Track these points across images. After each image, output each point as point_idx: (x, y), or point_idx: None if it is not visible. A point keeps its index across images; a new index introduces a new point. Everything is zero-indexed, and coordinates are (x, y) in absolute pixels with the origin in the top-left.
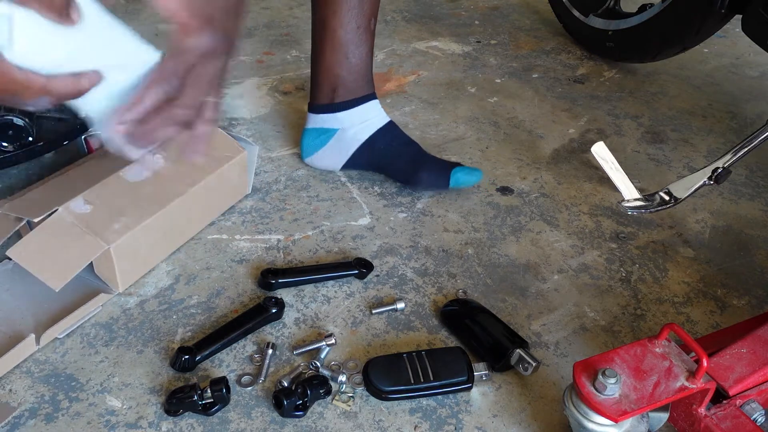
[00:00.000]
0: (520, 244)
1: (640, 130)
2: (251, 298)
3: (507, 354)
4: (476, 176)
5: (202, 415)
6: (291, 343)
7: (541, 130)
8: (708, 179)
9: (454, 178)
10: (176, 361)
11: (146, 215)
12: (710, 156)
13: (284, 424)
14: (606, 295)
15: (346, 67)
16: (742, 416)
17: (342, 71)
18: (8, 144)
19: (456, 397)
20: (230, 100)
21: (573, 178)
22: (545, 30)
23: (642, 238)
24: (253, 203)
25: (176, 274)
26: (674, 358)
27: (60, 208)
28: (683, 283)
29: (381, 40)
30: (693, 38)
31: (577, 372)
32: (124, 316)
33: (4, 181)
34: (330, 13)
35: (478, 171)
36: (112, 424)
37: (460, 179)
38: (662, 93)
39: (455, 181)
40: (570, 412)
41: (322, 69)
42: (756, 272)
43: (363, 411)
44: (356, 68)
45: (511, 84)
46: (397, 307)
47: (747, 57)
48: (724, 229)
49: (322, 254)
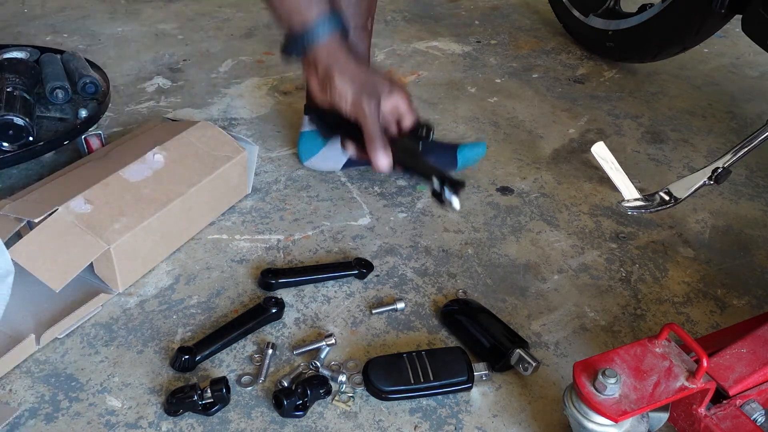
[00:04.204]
0: (520, 244)
1: (640, 130)
2: (251, 298)
3: (507, 354)
4: (481, 149)
5: (202, 415)
6: (291, 343)
7: (541, 130)
8: (708, 179)
9: (461, 156)
10: (176, 361)
11: (146, 215)
12: (710, 156)
13: (284, 424)
14: (606, 295)
15: None
16: (742, 416)
17: None
18: (8, 144)
19: (456, 397)
20: (230, 100)
21: (573, 178)
22: (545, 30)
23: (642, 238)
24: (253, 203)
25: (176, 274)
26: (674, 358)
27: (60, 208)
28: (683, 283)
29: (381, 40)
30: (693, 38)
31: (577, 372)
32: (124, 316)
33: (4, 181)
34: None
35: (482, 144)
36: (112, 424)
37: (467, 155)
38: (662, 93)
39: (463, 159)
40: (570, 412)
41: None
42: (756, 272)
43: (363, 411)
44: None
45: (511, 84)
46: (397, 307)
47: (747, 57)
48: (724, 229)
49: (322, 254)
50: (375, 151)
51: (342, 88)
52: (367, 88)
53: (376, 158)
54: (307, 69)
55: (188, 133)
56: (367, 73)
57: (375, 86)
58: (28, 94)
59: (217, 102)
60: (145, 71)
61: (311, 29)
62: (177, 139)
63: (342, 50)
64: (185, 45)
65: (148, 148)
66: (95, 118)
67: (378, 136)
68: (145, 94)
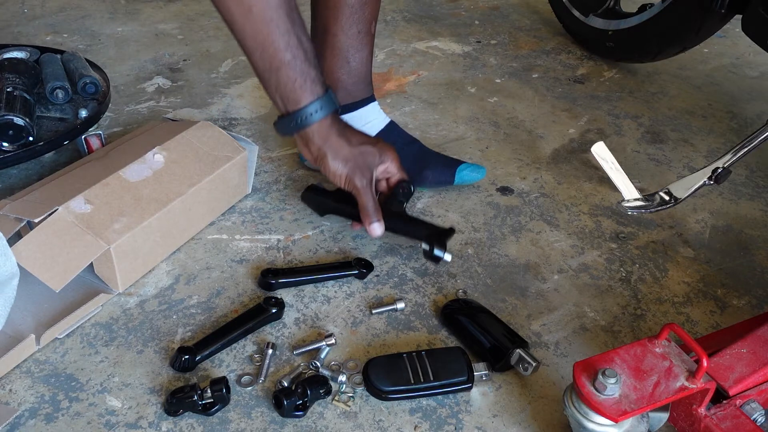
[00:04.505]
0: (520, 244)
1: (640, 130)
2: (251, 298)
3: (507, 354)
4: (481, 173)
5: (202, 415)
6: (291, 343)
7: (541, 130)
8: (708, 179)
9: (459, 175)
10: (176, 361)
11: (146, 215)
12: (710, 156)
13: (284, 424)
14: (606, 295)
15: (347, 70)
16: (742, 416)
17: (342, 75)
18: (8, 144)
19: (456, 397)
20: (230, 100)
21: (573, 178)
22: (545, 30)
23: (642, 238)
24: (253, 203)
25: (176, 274)
26: (674, 358)
27: (60, 208)
28: (683, 283)
29: (381, 40)
30: (693, 38)
31: (577, 372)
32: (124, 316)
33: (4, 181)
34: (331, 19)
35: (482, 168)
36: (112, 424)
37: (466, 176)
38: (662, 93)
39: (460, 178)
40: (570, 412)
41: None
42: (756, 272)
43: (363, 411)
44: (356, 72)
45: (511, 84)
46: (397, 307)
47: (747, 57)
48: (724, 229)
49: (322, 254)
50: (369, 222)
51: (335, 168)
52: (359, 166)
53: (370, 229)
54: (300, 144)
55: (188, 133)
56: (358, 150)
57: (366, 161)
58: (28, 94)
59: (217, 102)
60: (145, 71)
61: (305, 112)
62: (177, 139)
63: (334, 131)
64: (185, 45)
65: (148, 148)
66: (95, 118)
67: (372, 210)
68: (145, 94)
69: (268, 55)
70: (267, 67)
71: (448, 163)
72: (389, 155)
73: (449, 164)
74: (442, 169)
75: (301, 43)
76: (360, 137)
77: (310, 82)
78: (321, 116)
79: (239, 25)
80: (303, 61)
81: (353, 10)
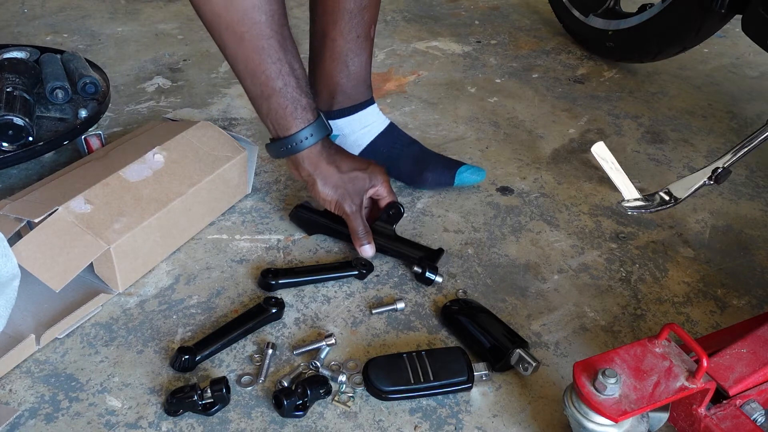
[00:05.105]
0: (520, 244)
1: (640, 130)
2: (251, 298)
3: (507, 354)
4: (481, 176)
5: (202, 415)
6: (291, 343)
7: (541, 130)
8: (708, 179)
9: (459, 177)
10: (176, 361)
11: (146, 215)
12: (710, 156)
13: (284, 424)
14: (606, 295)
15: (346, 74)
16: (742, 416)
17: (342, 79)
18: (8, 144)
19: (456, 397)
20: (230, 100)
21: (573, 178)
22: (545, 30)
23: (642, 238)
24: (253, 203)
25: (176, 274)
26: (674, 358)
27: (60, 208)
28: (683, 283)
29: (381, 40)
30: (693, 38)
31: (577, 372)
32: (124, 316)
33: (4, 181)
34: (330, 24)
35: (482, 171)
36: (112, 424)
37: (466, 179)
38: (662, 93)
39: (460, 180)
40: (570, 412)
41: (321, 77)
42: (756, 272)
43: (363, 411)
44: (356, 75)
45: (511, 84)
46: (397, 307)
47: (747, 57)
48: (724, 229)
49: (322, 254)
50: (360, 244)
51: (325, 194)
52: (348, 193)
53: (361, 251)
54: (291, 167)
55: (188, 133)
56: (348, 177)
57: (356, 187)
58: (28, 94)
59: (217, 102)
60: (145, 71)
61: (295, 139)
62: (177, 139)
63: (324, 157)
64: (185, 45)
65: (148, 148)
66: (95, 118)
67: (362, 234)
68: (145, 94)
69: (259, 82)
70: (258, 94)
71: (448, 164)
72: (379, 178)
73: (449, 166)
74: (442, 171)
75: (293, 70)
76: (350, 162)
77: (300, 109)
78: (311, 143)
79: (231, 51)
80: (294, 89)
81: (352, 15)
